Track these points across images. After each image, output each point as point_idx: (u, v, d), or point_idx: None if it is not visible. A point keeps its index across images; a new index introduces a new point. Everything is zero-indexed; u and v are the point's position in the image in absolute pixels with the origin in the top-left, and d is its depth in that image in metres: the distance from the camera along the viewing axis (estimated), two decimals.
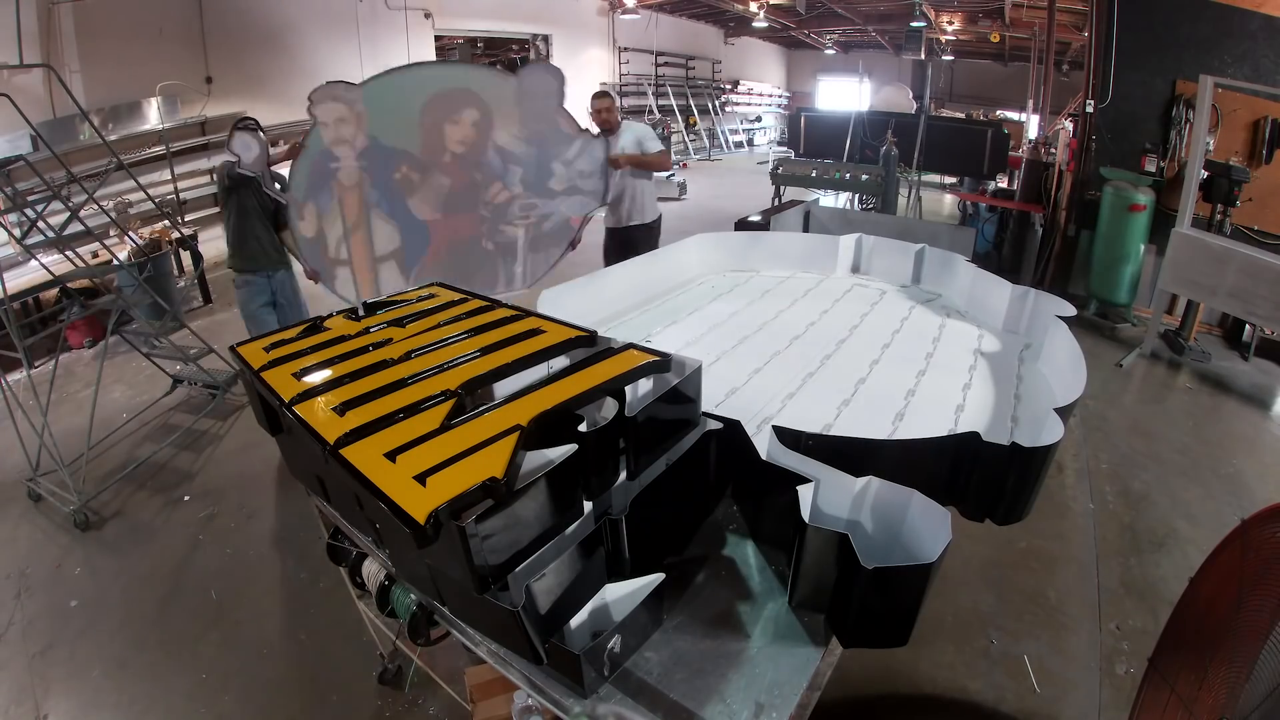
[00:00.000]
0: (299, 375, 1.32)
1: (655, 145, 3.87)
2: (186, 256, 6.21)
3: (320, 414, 1.17)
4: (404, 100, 2.96)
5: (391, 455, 1.01)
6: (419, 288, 1.84)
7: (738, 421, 1.36)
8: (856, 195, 8.23)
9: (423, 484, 0.93)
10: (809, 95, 20.08)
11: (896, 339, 2.10)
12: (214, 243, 7.34)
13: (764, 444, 1.31)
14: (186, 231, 5.94)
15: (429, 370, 1.29)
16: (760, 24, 14.36)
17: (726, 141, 17.15)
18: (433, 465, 0.98)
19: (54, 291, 4.62)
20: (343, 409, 1.16)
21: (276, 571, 2.72)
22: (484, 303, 1.69)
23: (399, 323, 1.56)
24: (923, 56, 12.30)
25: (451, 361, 1.33)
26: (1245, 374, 4.49)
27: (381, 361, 1.35)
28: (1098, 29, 5.29)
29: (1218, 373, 4.51)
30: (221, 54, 7.27)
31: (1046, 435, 1.34)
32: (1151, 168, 5.21)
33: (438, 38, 10.39)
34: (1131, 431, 3.75)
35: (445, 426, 1.08)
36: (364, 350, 1.42)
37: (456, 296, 1.76)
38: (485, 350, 1.37)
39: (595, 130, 3.38)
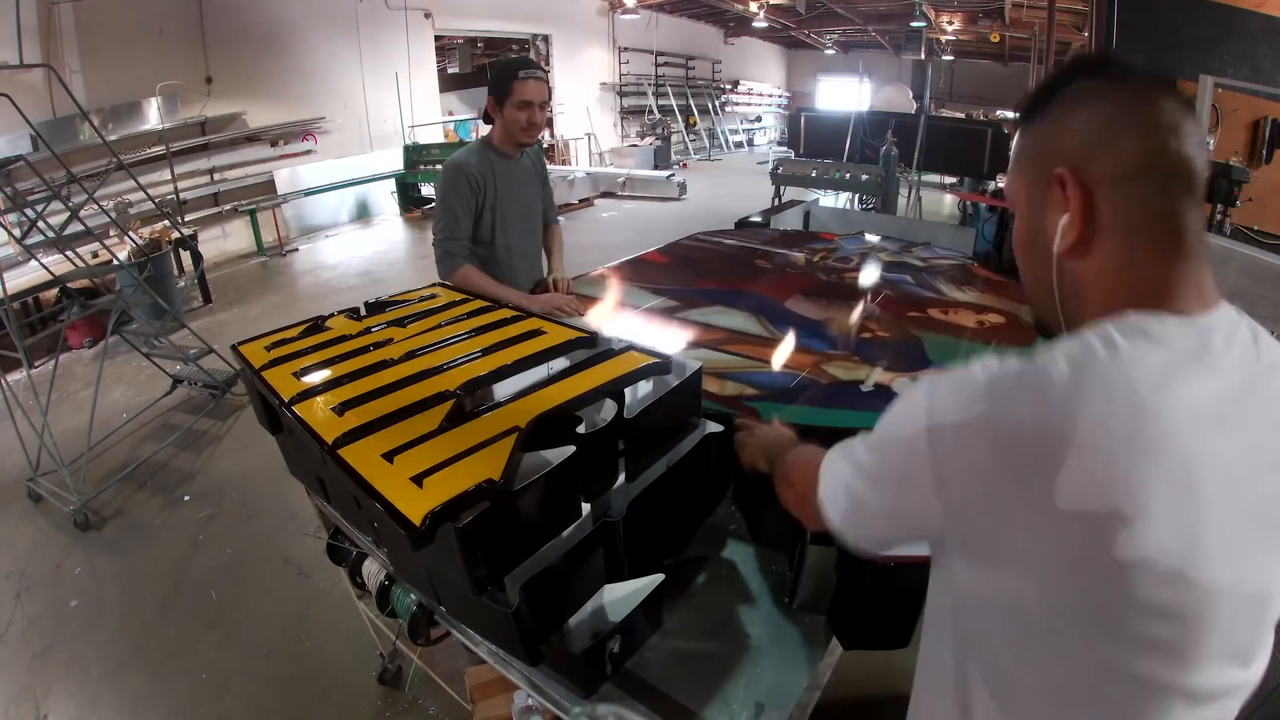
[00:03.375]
0: (299, 375, 1.32)
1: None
2: (186, 256, 6.21)
3: (319, 414, 1.17)
4: None
5: (389, 456, 1.01)
6: (420, 288, 1.84)
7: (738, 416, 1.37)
8: (856, 195, 8.23)
9: (420, 485, 0.93)
10: (809, 95, 20.09)
11: None
12: (214, 243, 7.36)
13: None
14: (186, 231, 5.94)
15: (429, 371, 1.29)
16: (760, 24, 14.36)
17: (726, 141, 17.15)
18: (430, 466, 0.98)
19: (54, 291, 4.63)
20: (342, 409, 1.16)
21: (276, 571, 2.72)
22: (485, 303, 1.69)
23: (400, 323, 1.56)
24: (923, 56, 12.31)
25: (451, 362, 1.33)
26: None
27: (381, 362, 1.35)
28: (1098, 29, 5.29)
29: None
30: (221, 54, 7.28)
31: None
32: None
33: (438, 38, 10.40)
34: None
35: (444, 428, 1.09)
36: (364, 350, 1.42)
37: (458, 297, 1.77)
38: (486, 351, 1.38)
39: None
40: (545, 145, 11.02)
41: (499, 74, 2.04)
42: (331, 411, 1.16)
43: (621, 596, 1.12)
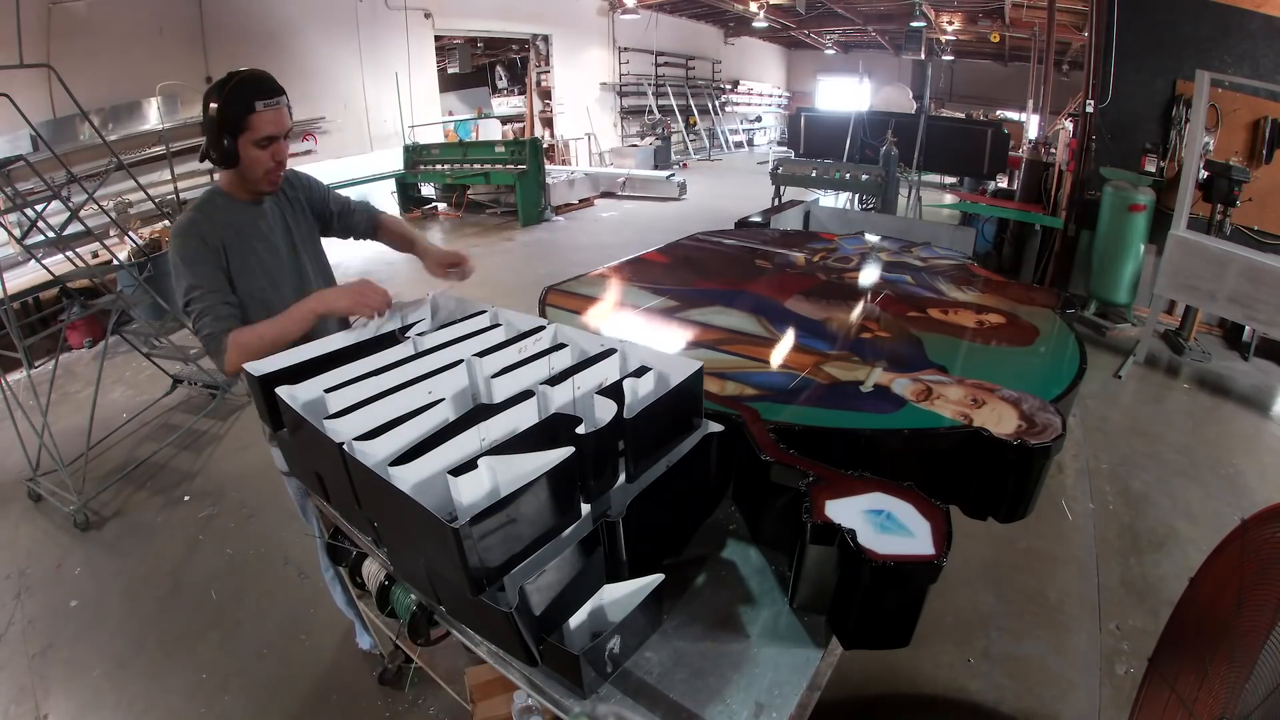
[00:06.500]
0: None
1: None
2: None
3: None
4: None
5: None
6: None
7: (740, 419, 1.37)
8: (856, 195, 8.23)
9: None
10: (809, 95, 20.09)
11: None
12: None
13: None
14: None
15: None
16: (760, 24, 14.36)
17: (726, 141, 17.15)
18: None
19: (54, 291, 4.63)
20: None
21: (276, 571, 2.72)
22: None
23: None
24: (923, 56, 12.31)
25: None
26: (1245, 374, 4.49)
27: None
28: (1098, 29, 5.28)
29: (1218, 373, 4.50)
30: (221, 54, 7.27)
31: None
32: (1151, 168, 5.21)
33: (437, 38, 10.40)
34: (1131, 432, 3.75)
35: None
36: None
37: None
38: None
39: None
40: (546, 145, 11.02)
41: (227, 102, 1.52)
42: None
43: (621, 596, 1.12)
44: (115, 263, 4.19)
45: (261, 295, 1.66)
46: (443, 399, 1.24)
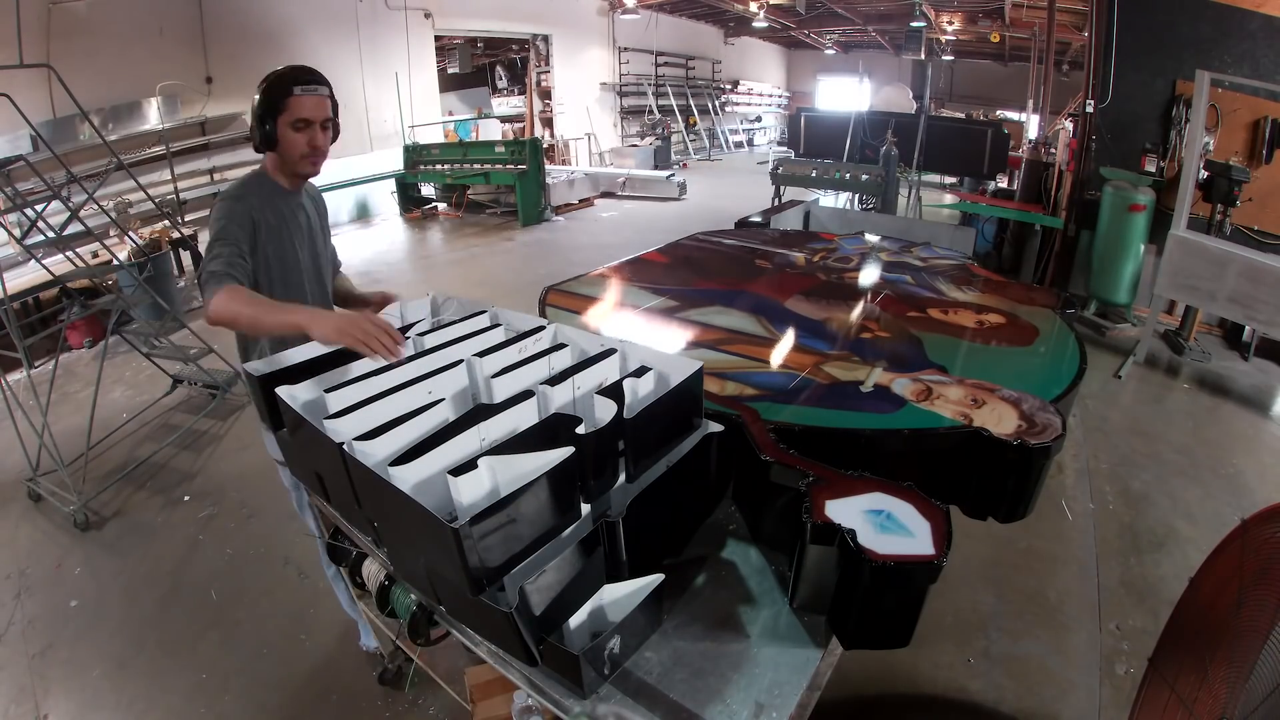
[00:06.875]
0: None
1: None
2: (186, 256, 6.21)
3: None
4: None
5: None
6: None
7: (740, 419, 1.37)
8: (856, 195, 8.23)
9: None
10: (809, 95, 20.10)
11: None
12: None
13: None
14: (186, 231, 5.95)
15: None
16: (760, 24, 14.37)
17: (726, 141, 17.16)
18: None
19: (54, 291, 4.63)
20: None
21: (276, 571, 2.72)
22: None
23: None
24: (923, 56, 12.31)
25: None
26: (1245, 374, 4.49)
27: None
28: (1098, 29, 5.29)
29: (1218, 373, 4.50)
30: (221, 54, 7.28)
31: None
32: (1151, 168, 5.21)
33: (437, 38, 10.41)
34: (1131, 432, 3.75)
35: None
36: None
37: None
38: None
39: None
40: (546, 145, 11.02)
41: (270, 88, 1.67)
42: None
43: (621, 596, 1.12)
44: (115, 263, 4.19)
45: (268, 276, 1.72)
46: (443, 399, 1.24)
